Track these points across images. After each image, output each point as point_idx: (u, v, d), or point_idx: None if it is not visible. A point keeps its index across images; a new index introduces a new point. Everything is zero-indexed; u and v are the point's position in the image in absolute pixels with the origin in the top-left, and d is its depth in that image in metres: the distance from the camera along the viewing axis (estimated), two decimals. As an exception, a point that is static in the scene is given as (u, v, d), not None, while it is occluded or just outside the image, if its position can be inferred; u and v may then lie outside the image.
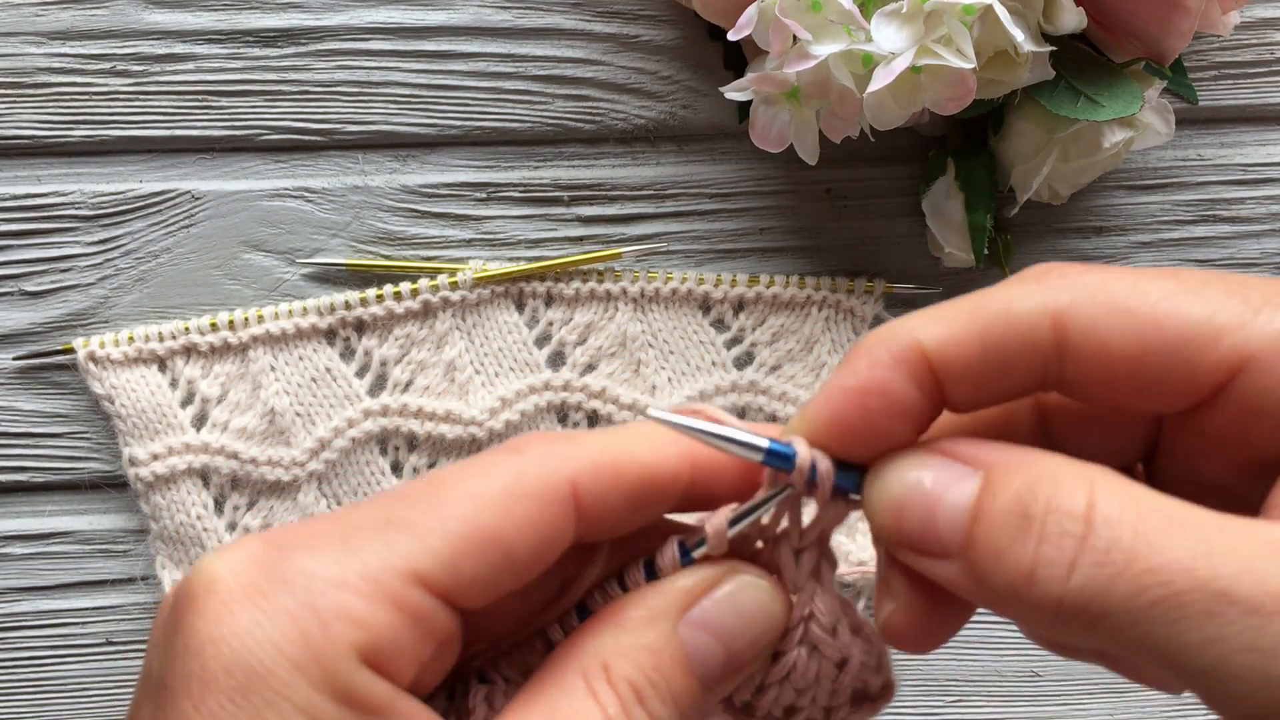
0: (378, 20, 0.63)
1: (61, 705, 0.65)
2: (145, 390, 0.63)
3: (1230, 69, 0.65)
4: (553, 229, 0.64)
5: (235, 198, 0.64)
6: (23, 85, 0.62)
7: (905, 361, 0.28)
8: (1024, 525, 0.26)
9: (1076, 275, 0.28)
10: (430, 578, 0.28)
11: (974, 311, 0.28)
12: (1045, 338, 0.28)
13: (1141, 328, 0.27)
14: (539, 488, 0.29)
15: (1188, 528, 0.25)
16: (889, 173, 0.65)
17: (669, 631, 0.30)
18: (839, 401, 0.29)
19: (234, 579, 0.27)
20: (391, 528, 0.28)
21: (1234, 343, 0.26)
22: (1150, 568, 0.24)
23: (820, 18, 0.53)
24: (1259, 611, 0.23)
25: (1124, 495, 0.26)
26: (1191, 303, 0.27)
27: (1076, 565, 0.25)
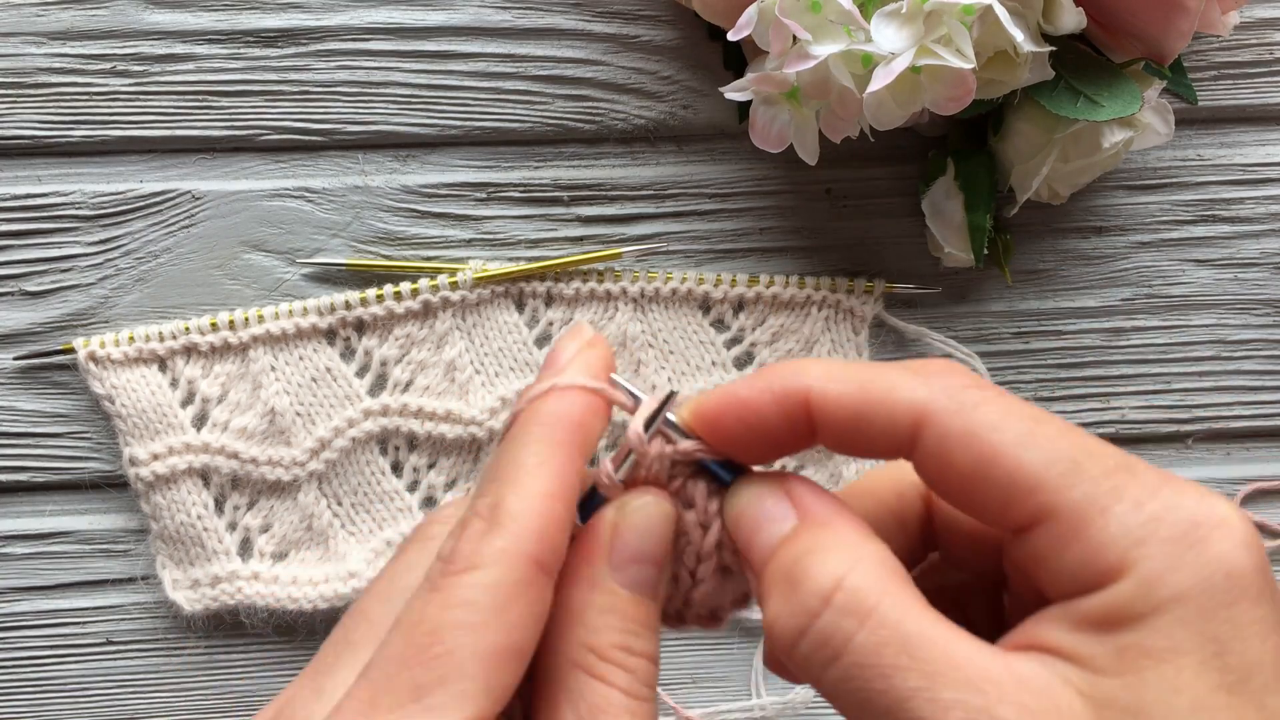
0: (378, 20, 0.63)
1: (62, 705, 0.65)
2: (145, 390, 0.63)
3: (1230, 69, 0.65)
4: (553, 229, 0.64)
5: (235, 198, 0.64)
6: (23, 85, 0.62)
7: (786, 401, 0.33)
8: (786, 584, 0.31)
9: (959, 389, 0.32)
10: (477, 717, 0.30)
11: (864, 384, 0.33)
12: (905, 431, 0.32)
13: (978, 458, 0.31)
14: (516, 589, 0.32)
15: (909, 637, 0.29)
16: (889, 173, 0.65)
17: (610, 587, 0.34)
18: (724, 404, 0.34)
19: None
20: (424, 693, 0.30)
21: (1042, 501, 0.30)
22: (860, 664, 0.29)
23: (820, 18, 0.53)
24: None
25: (874, 589, 0.30)
26: (1031, 453, 0.30)
27: (804, 636, 0.30)
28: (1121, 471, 0.30)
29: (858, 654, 0.29)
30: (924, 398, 0.31)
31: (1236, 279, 0.66)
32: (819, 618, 0.30)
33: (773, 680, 0.66)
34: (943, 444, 0.31)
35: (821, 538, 0.32)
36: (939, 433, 0.31)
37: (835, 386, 0.32)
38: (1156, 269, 0.66)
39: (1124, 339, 0.66)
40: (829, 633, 0.30)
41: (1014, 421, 0.31)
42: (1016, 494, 0.30)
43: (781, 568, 0.32)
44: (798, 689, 0.65)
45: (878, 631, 0.29)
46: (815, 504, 0.33)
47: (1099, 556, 0.29)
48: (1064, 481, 0.30)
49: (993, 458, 0.30)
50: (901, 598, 0.30)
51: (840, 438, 0.33)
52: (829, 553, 0.31)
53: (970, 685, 0.28)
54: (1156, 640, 0.28)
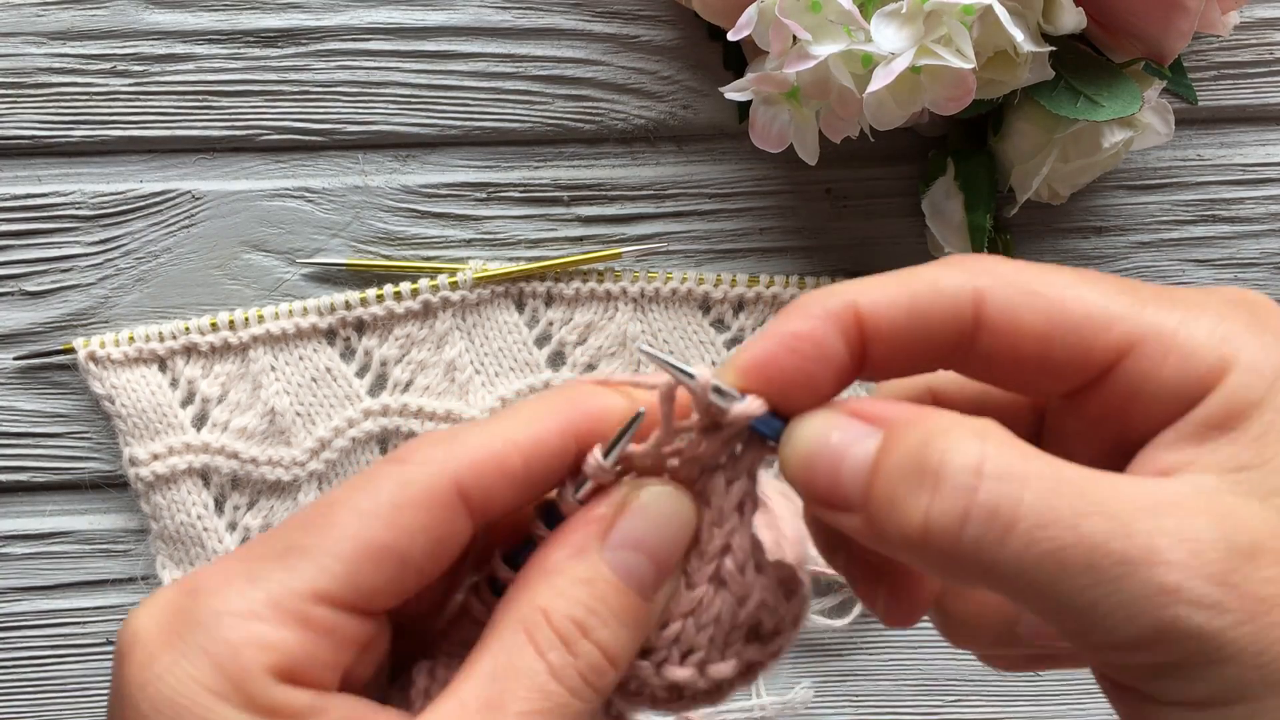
0: (378, 20, 0.63)
1: (61, 705, 0.65)
2: (145, 390, 0.63)
3: (1230, 69, 0.65)
4: (553, 229, 0.64)
5: (236, 198, 0.64)
6: (23, 85, 0.62)
7: (839, 317, 0.31)
8: (919, 479, 0.28)
9: (995, 263, 0.31)
10: (331, 594, 0.30)
11: (905, 282, 0.31)
12: (966, 310, 0.30)
13: (1049, 308, 0.30)
14: (424, 495, 0.31)
15: (1070, 485, 0.27)
16: (889, 173, 0.65)
17: (596, 560, 0.32)
18: (773, 345, 0.31)
19: (154, 628, 0.30)
20: (290, 554, 0.31)
21: (1124, 329, 0.30)
22: (1039, 523, 0.27)
23: (820, 18, 0.53)
24: (1127, 562, 0.26)
25: (1013, 452, 0.28)
26: (1091, 292, 0.30)
27: (968, 519, 0.27)
28: (1166, 295, 0.30)
29: (1034, 514, 0.27)
30: (973, 276, 0.31)
31: (1237, 279, 0.65)
32: (978, 492, 0.27)
33: (772, 680, 0.66)
34: (1008, 310, 0.30)
35: (929, 425, 0.29)
36: (1001, 301, 0.30)
37: (881, 292, 0.31)
38: (1156, 269, 0.66)
39: (1124, 339, 0.66)
40: (995, 503, 0.27)
41: (1059, 274, 0.31)
42: (1095, 330, 0.30)
43: (903, 468, 0.28)
44: (796, 689, 0.65)
45: (1044, 486, 0.27)
46: (890, 409, 0.30)
47: (1197, 361, 0.29)
48: (1137, 305, 0.30)
49: (1061, 305, 0.30)
50: (1042, 453, 0.28)
51: (897, 344, 0.31)
52: (950, 433, 0.28)
53: (1155, 512, 0.27)
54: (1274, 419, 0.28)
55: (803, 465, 0.31)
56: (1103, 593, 0.27)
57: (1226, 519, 0.27)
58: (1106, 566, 0.27)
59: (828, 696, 0.66)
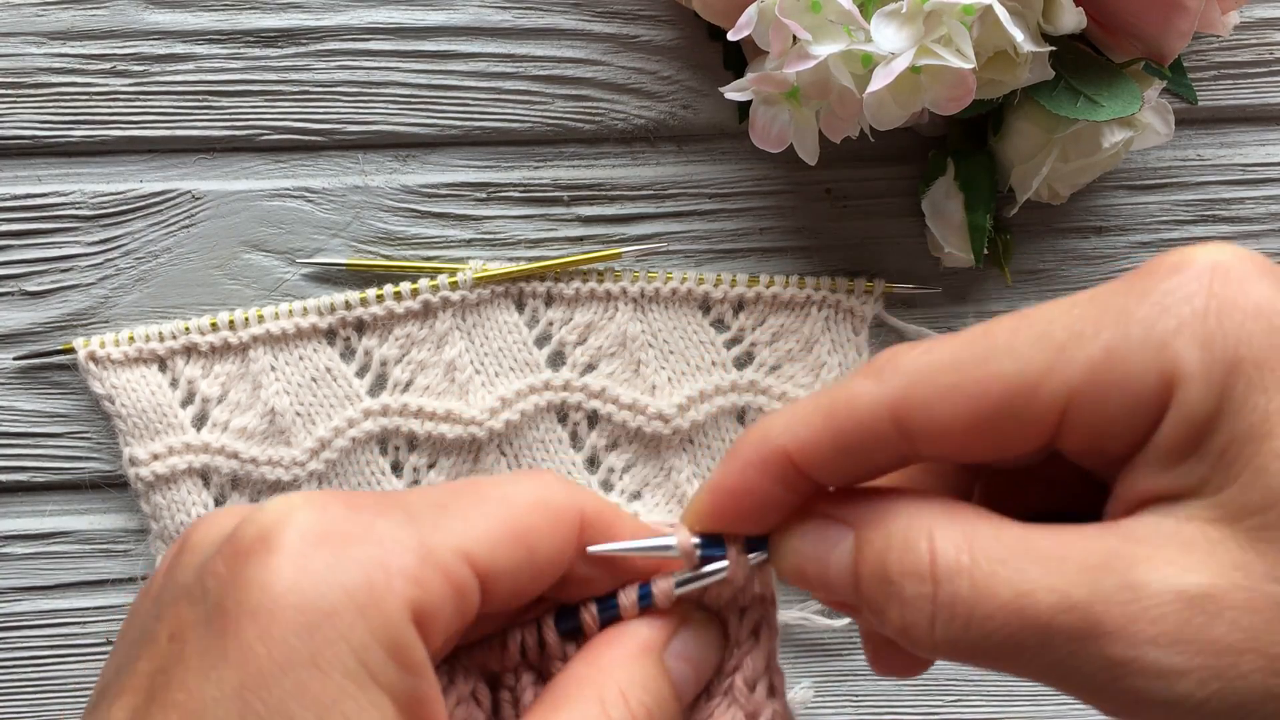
0: (378, 20, 0.63)
1: (61, 705, 0.65)
2: (145, 390, 0.63)
3: (1230, 69, 0.65)
4: (553, 229, 0.64)
5: (235, 198, 0.64)
6: (23, 85, 0.62)
7: (771, 464, 0.32)
8: (887, 590, 0.30)
9: (908, 363, 0.31)
10: (476, 558, 0.31)
11: (826, 412, 0.32)
12: (888, 428, 0.31)
13: (968, 400, 0.29)
14: (560, 506, 0.33)
15: (1012, 560, 0.28)
16: (889, 173, 0.65)
17: (659, 662, 0.34)
18: (718, 499, 0.34)
19: (314, 524, 0.29)
20: (445, 512, 0.32)
21: (1052, 388, 0.29)
22: (987, 614, 0.28)
23: (820, 18, 0.53)
24: (1075, 639, 0.27)
25: (958, 540, 0.29)
26: (1003, 362, 0.29)
27: (935, 621, 0.29)
28: (1093, 314, 0.29)
29: (981, 605, 0.28)
30: (885, 389, 0.31)
31: (1236, 279, 0.65)
32: (935, 598, 0.29)
33: (773, 680, 0.66)
34: (927, 416, 0.30)
35: (888, 531, 0.31)
36: (919, 410, 0.30)
37: (802, 428, 0.32)
38: (1156, 269, 0.65)
39: (1124, 339, 0.66)
40: (950, 603, 0.29)
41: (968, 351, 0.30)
42: (1025, 402, 0.29)
43: (874, 580, 0.31)
44: (796, 689, 0.65)
45: (986, 572, 0.28)
46: (855, 508, 0.32)
47: (1139, 390, 0.27)
48: (1058, 357, 0.28)
49: (981, 391, 0.29)
50: (986, 531, 0.29)
51: (834, 472, 0.32)
52: (905, 538, 0.30)
53: (1095, 573, 0.27)
54: (1241, 423, 0.26)
55: (797, 578, 0.34)
56: (1065, 670, 0.27)
57: (1175, 563, 0.26)
58: (1058, 644, 0.27)
59: (828, 696, 0.66)
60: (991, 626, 0.28)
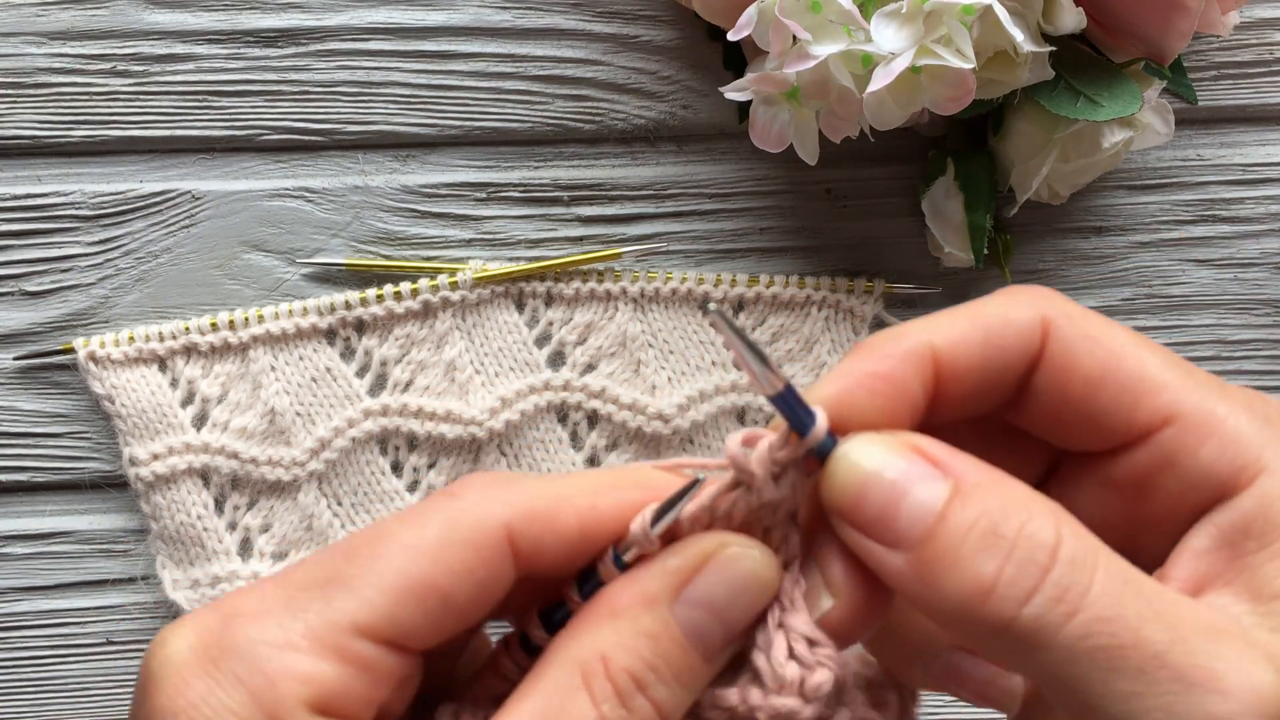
0: (378, 20, 0.63)
1: (61, 705, 0.65)
2: (145, 390, 0.63)
3: (1230, 69, 0.65)
4: (553, 229, 0.64)
5: (235, 198, 0.64)
6: (23, 85, 0.62)
7: (916, 358, 0.31)
8: (992, 541, 0.27)
9: (1060, 299, 0.32)
10: (371, 629, 0.29)
11: (976, 318, 0.31)
12: (1035, 342, 0.31)
13: (1106, 357, 0.31)
14: (473, 534, 0.30)
15: (1137, 589, 0.27)
16: (889, 173, 0.65)
17: (665, 615, 0.31)
18: (852, 384, 0.31)
19: (188, 653, 0.29)
20: (332, 585, 0.30)
21: (1172, 398, 0.30)
22: (1102, 616, 0.26)
23: (820, 18, 0.53)
24: (1182, 680, 0.26)
25: (1087, 542, 0.28)
26: (1148, 354, 0.31)
27: (1036, 594, 0.27)
28: (1215, 381, 0.31)
29: (1099, 606, 0.26)
30: (1041, 309, 0.31)
31: (1237, 279, 0.65)
32: (1051, 571, 0.27)
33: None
34: (1068, 350, 0.31)
35: (1006, 491, 0.29)
36: (1063, 340, 0.31)
37: (956, 330, 0.32)
38: (1156, 269, 0.66)
39: (1124, 339, 0.66)
40: (1066, 584, 0.27)
41: (1125, 332, 0.31)
42: (1144, 392, 0.30)
43: (976, 527, 0.28)
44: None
45: (1114, 581, 0.27)
46: (957, 460, 0.30)
47: (1236, 452, 0.29)
48: (1188, 382, 0.30)
49: (1119, 358, 0.31)
50: (1109, 550, 0.28)
51: (970, 381, 0.31)
52: (1029, 505, 0.28)
53: (1214, 637, 0.27)
54: None
55: (854, 488, 0.30)
56: (1148, 705, 0.26)
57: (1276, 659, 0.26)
58: (1161, 679, 0.26)
59: (828, 696, 0.66)
60: (1097, 629, 0.26)
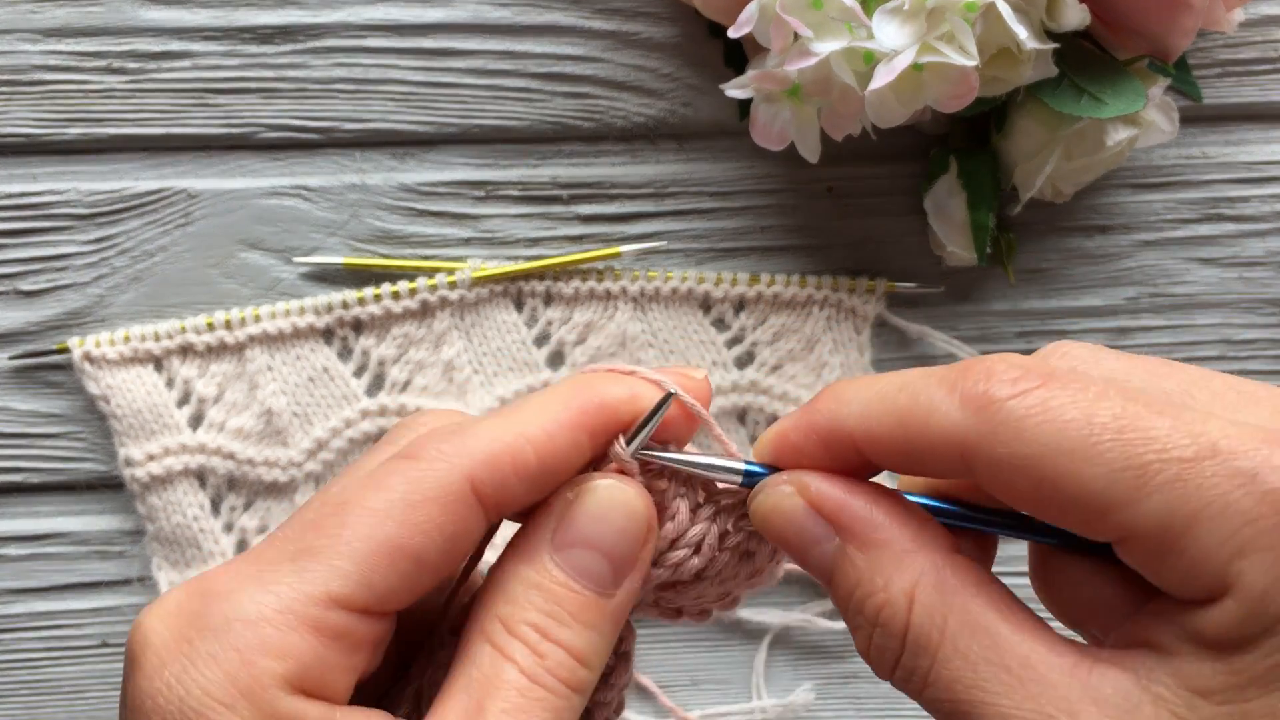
0: (376, 17, 0.63)
1: (57, 707, 0.65)
2: (141, 390, 0.62)
3: (1234, 66, 0.64)
4: (552, 228, 0.64)
5: (232, 196, 0.63)
6: (17, 83, 0.62)
7: (836, 443, 0.33)
8: (860, 621, 0.31)
9: (994, 407, 0.29)
10: (344, 598, 0.30)
11: (902, 419, 0.31)
12: (956, 460, 0.30)
13: (1039, 485, 0.29)
14: (438, 492, 0.31)
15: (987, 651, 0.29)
16: (891, 171, 0.64)
17: (544, 563, 0.32)
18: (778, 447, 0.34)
19: (165, 632, 0.30)
20: (302, 557, 0.31)
21: (1121, 521, 0.28)
22: (947, 695, 0.29)
23: (822, 15, 0.52)
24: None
25: (938, 603, 0.30)
26: (1091, 469, 0.28)
27: (897, 670, 0.31)
28: (1204, 459, 0.27)
29: (940, 683, 0.30)
30: (961, 427, 0.29)
31: (1242, 278, 0.65)
32: (900, 658, 0.31)
33: (773, 682, 0.66)
34: (995, 475, 0.29)
35: (873, 565, 0.31)
36: (988, 464, 0.29)
37: (875, 426, 0.32)
38: (1161, 268, 0.65)
39: (1128, 339, 0.66)
40: (909, 669, 0.30)
41: (1067, 430, 0.28)
42: (1089, 517, 0.28)
43: (850, 602, 0.32)
44: (797, 691, 0.65)
45: (947, 664, 0.30)
46: (850, 512, 0.32)
47: (1197, 574, 0.27)
48: (1136, 494, 0.27)
49: (1051, 483, 0.28)
50: (968, 615, 0.30)
51: (901, 470, 0.33)
52: (889, 585, 0.31)
53: (1051, 700, 0.28)
54: (1266, 663, 0.27)
55: (774, 536, 0.34)
56: None
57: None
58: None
59: (829, 699, 0.66)
60: (943, 697, 0.30)
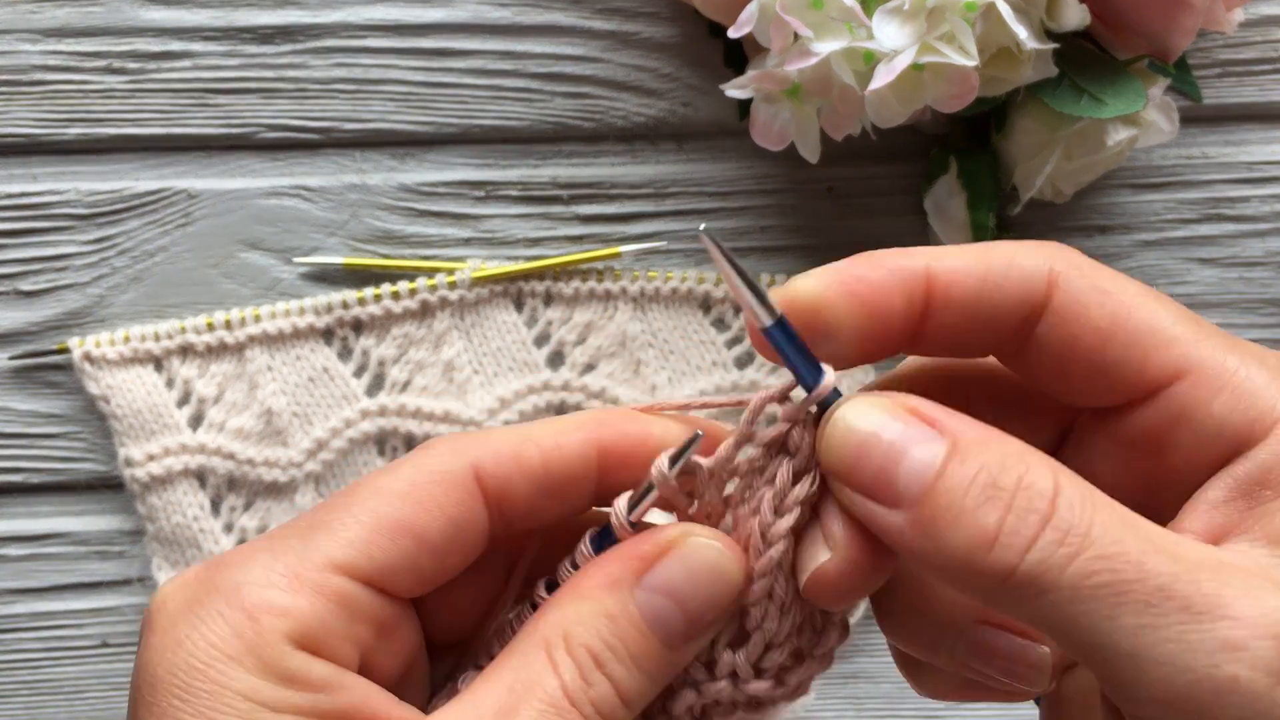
0: (376, 17, 0.63)
1: (57, 707, 0.65)
2: (141, 390, 0.62)
3: (1234, 66, 0.64)
4: (552, 228, 0.64)
5: (232, 196, 0.63)
6: (18, 83, 0.62)
7: (908, 274, 0.31)
8: (992, 494, 0.28)
9: (1071, 252, 0.32)
10: (348, 565, 0.31)
11: (982, 255, 0.31)
12: (1039, 290, 0.31)
13: (1116, 309, 0.30)
14: (441, 474, 0.33)
15: (1137, 529, 0.27)
16: (891, 171, 0.64)
17: (626, 597, 0.32)
18: (835, 281, 0.31)
19: (178, 597, 0.31)
20: (312, 530, 0.32)
21: (1184, 351, 0.30)
22: (1104, 554, 0.27)
23: (822, 15, 0.52)
24: (1190, 610, 0.26)
25: (1085, 488, 0.28)
26: (1159, 307, 0.31)
27: (1038, 539, 0.27)
28: (1228, 336, 0.30)
29: (1101, 545, 0.27)
30: (1050, 259, 0.31)
31: (1242, 279, 0.65)
32: (1052, 517, 0.27)
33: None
34: (1076, 301, 0.31)
35: (1004, 446, 0.29)
36: (1071, 291, 0.31)
37: (958, 260, 0.31)
38: (1161, 268, 0.65)
39: (1128, 339, 0.65)
40: (1065, 529, 0.27)
41: (1133, 284, 0.31)
42: (1154, 346, 0.30)
43: (976, 481, 0.28)
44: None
45: (1114, 522, 0.27)
46: (951, 419, 0.30)
47: (1250, 405, 0.29)
48: (1200, 335, 0.30)
49: (1129, 310, 0.30)
50: (1115, 509, 0.28)
51: (963, 316, 0.31)
52: (1026, 458, 0.28)
53: (1219, 571, 0.27)
54: None
55: (852, 449, 0.30)
56: (1157, 638, 0.26)
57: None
58: (1168, 610, 0.26)
59: (830, 699, 0.66)
60: (1099, 567, 0.26)
